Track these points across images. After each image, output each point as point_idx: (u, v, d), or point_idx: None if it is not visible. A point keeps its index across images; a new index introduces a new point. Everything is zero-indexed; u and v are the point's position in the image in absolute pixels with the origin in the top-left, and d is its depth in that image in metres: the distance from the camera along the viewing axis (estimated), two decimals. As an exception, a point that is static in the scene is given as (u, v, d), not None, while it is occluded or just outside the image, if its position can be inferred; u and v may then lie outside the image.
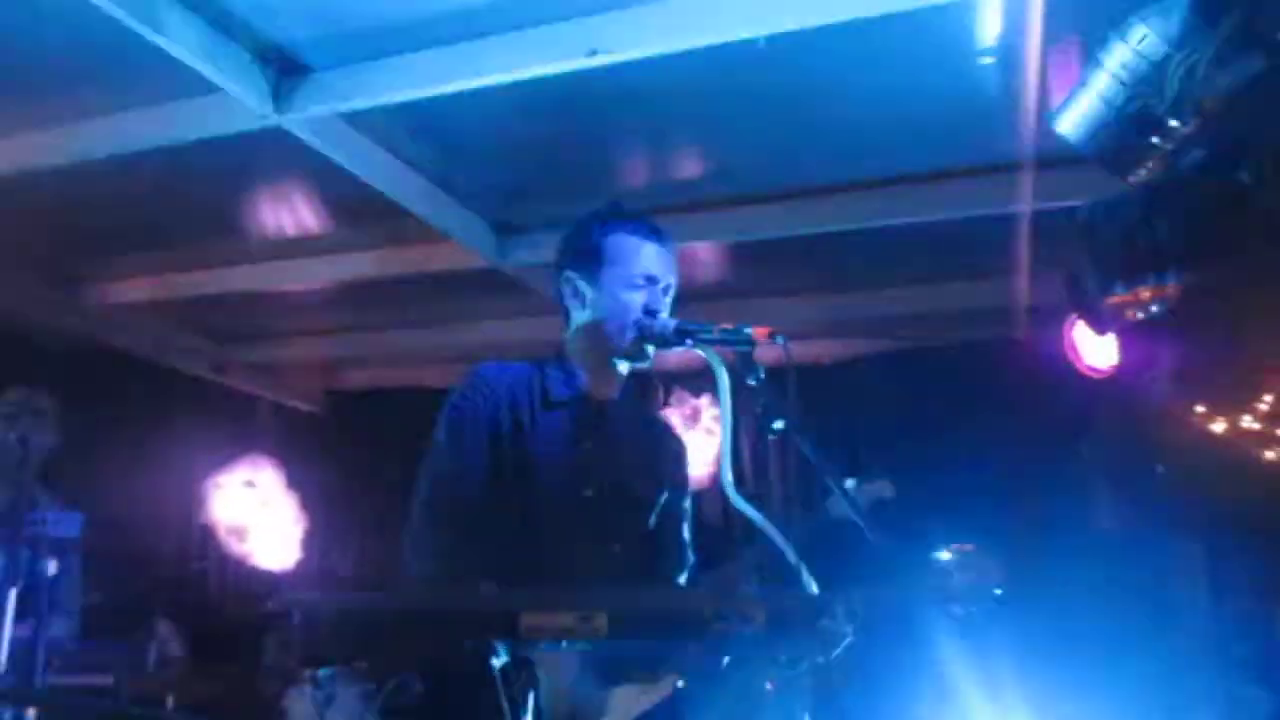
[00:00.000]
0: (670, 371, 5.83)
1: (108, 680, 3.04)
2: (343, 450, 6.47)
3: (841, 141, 3.64)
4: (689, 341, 2.03)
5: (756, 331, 1.92)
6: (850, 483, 2.96)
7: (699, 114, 3.50)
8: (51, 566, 2.61)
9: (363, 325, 5.76)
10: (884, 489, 3.18)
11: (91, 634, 3.44)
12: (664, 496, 2.26)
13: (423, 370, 6.27)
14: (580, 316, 2.25)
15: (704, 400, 5.72)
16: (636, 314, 2.14)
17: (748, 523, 1.84)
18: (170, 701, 4.25)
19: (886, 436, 4.48)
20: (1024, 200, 3.75)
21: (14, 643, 2.56)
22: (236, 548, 6.18)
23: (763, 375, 1.88)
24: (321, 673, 4.52)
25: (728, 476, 1.85)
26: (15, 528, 2.55)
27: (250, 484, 6.21)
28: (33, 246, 4.72)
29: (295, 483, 6.40)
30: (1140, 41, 2.46)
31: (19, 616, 2.56)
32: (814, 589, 1.71)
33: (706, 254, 4.70)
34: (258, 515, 6.23)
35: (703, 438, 5.64)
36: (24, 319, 5.06)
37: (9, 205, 4.13)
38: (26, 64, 3.23)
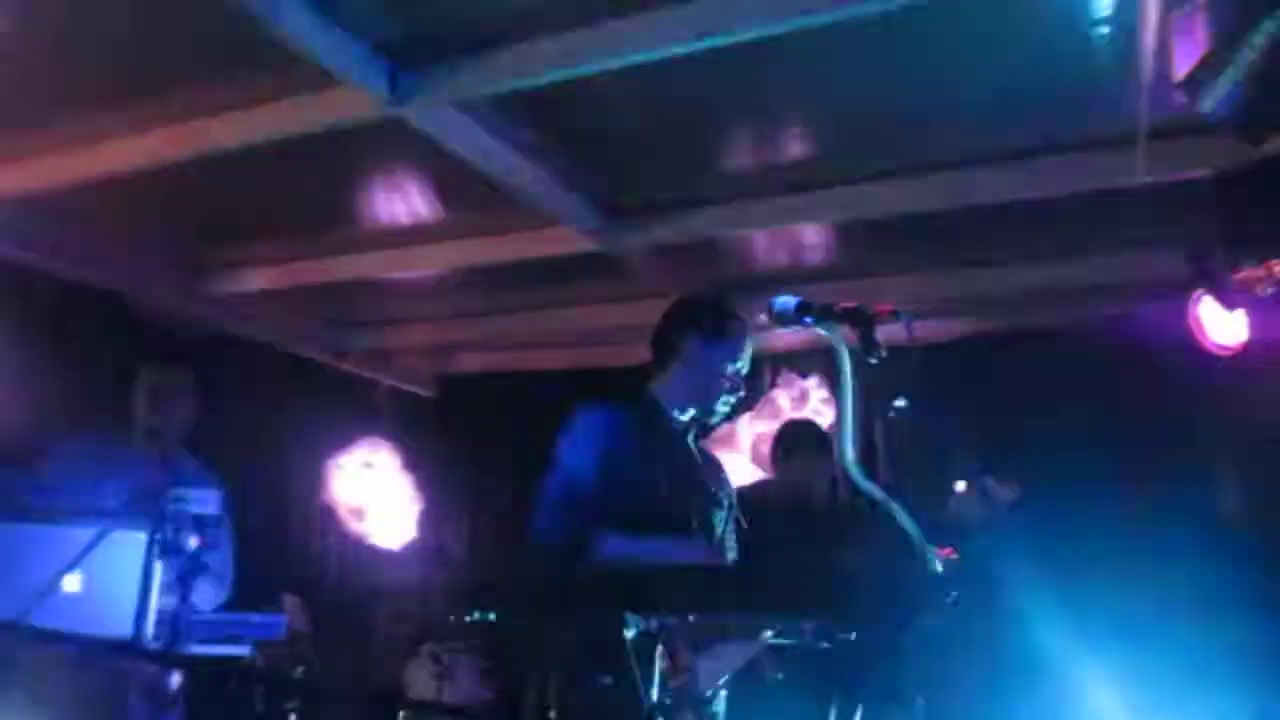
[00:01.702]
0: (777, 354, 5.81)
1: (243, 650, 3.16)
2: (455, 433, 6.61)
3: (953, 118, 3.56)
4: (809, 319, 2.02)
5: (878, 308, 1.90)
6: (961, 486, 2.92)
7: (806, 94, 3.47)
8: (193, 541, 2.72)
9: (474, 310, 5.86)
10: (1011, 490, 3.13)
11: (223, 608, 3.59)
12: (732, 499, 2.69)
13: (533, 354, 6.35)
14: (678, 375, 2.65)
15: (811, 382, 5.68)
16: (721, 397, 2.62)
17: (861, 502, 1.83)
18: (299, 672, 4.41)
19: (1000, 418, 4.39)
20: (1142, 172, 3.62)
21: (160, 613, 2.68)
22: (355, 527, 6.38)
23: (884, 353, 1.86)
24: (439, 648, 4.65)
25: (849, 454, 1.83)
26: (159, 504, 2.67)
27: (369, 465, 6.40)
28: (164, 238, 4.92)
29: (411, 464, 6.58)
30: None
31: (165, 589, 2.68)
32: (938, 567, 1.69)
33: (815, 235, 4.65)
34: (375, 495, 6.41)
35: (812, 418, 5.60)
36: (156, 308, 5.28)
37: (143, 199, 4.32)
38: (159, 63, 3.37)
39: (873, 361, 1.88)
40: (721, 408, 2.63)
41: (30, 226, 4.50)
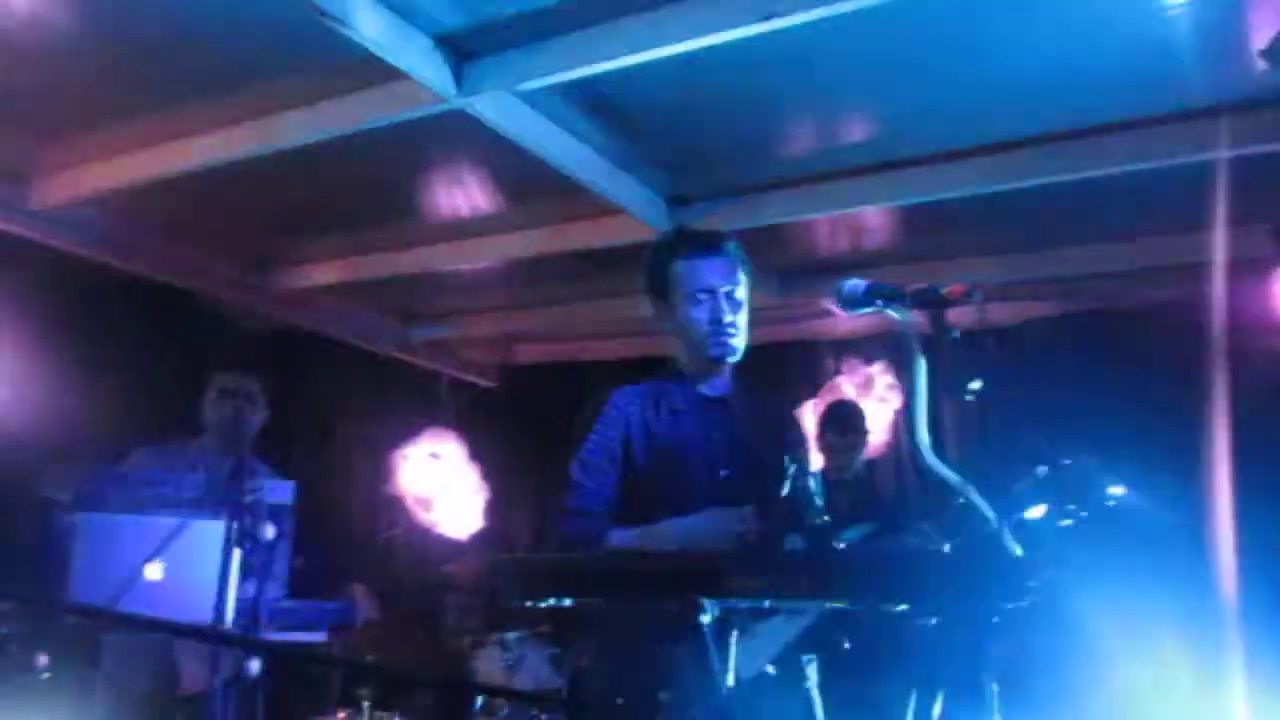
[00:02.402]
0: (840, 339, 5.77)
1: (318, 638, 3.23)
2: (518, 423, 6.66)
3: (1021, 94, 3.49)
4: (879, 302, 1.99)
5: (950, 290, 1.87)
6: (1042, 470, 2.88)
7: (869, 76, 3.43)
8: (269, 531, 2.79)
9: (537, 301, 5.90)
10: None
11: (295, 596, 3.67)
12: (793, 468, 2.38)
13: (595, 343, 6.38)
14: (670, 333, 2.53)
15: (876, 367, 5.63)
16: (704, 327, 2.43)
17: (934, 487, 1.82)
18: (369, 660, 4.48)
19: (1075, 399, 4.31)
20: (1221, 147, 3.52)
21: (238, 601, 2.75)
22: (423, 517, 6.47)
23: (957, 335, 1.84)
24: (509, 636, 4.70)
25: (923, 439, 1.81)
26: (237, 496, 2.74)
27: (434, 456, 6.48)
28: (233, 235, 5.02)
29: (476, 454, 6.65)
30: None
31: (243, 577, 2.75)
32: (1016, 550, 1.67)
33: (879, 219, 4.61)
34: (442, 486, 6.50)
35: (876, 406, 5.56)
36: (226, 304, 5.39)
37: (211, 197, 4.42)
38: (224, 63, 3.43)
39: (945, 344, 1.85)
40: (715, 349, 2.43)
41: (105, 226, 4.62)
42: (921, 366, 1.90)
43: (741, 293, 2.48)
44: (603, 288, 5.58)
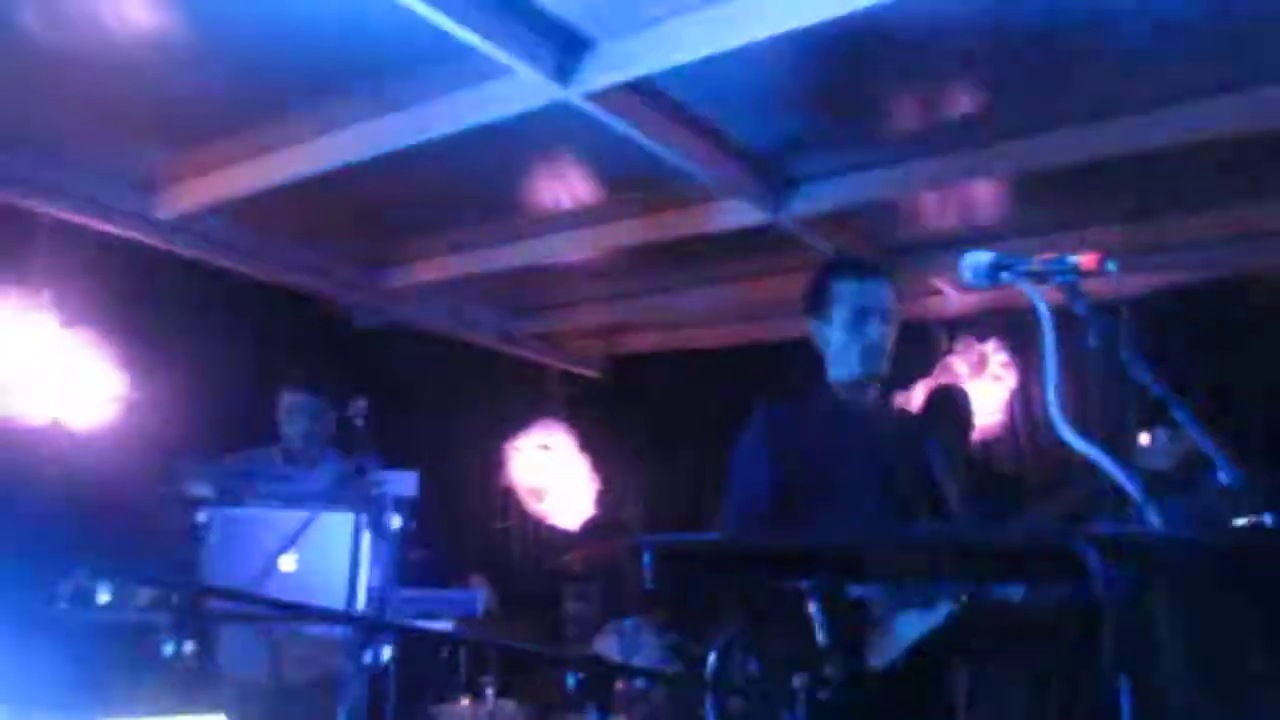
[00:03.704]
0: (951, 318, 5.65)
1: (443, 626, 3.29)
2: (627, 412, 6.70)
3: (1132, 58, 3.35)
4: (1005, 276, 1.93)
5: (1083, 260, 1.80)
6: (1161, 434, 2.78)
7: (973, 47, 3.32)
8: (396, 522, 2.85)
9: (642, 290, 5.90)
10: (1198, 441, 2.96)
11: (418, 587, 3.76)
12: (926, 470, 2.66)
13: (701, 331, 6.37)
14: (828, 351, 2.68)
15: (990, 345, 5.49)
16: (859, 346, 2.60)
17: (1059, 465, 1.76)
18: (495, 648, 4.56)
19: (1208, 369, 4.13)
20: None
21: (368, 590, 2.82)
22: (535, 508, 6.55)
23: (1090, 308, 1.77)
24: (626, 622, 4.73)
25: (1058, 415, 1.75)
26: (365, 488, 2.81)
27: (545, 447, 6.56)
28: (346, 237, 5.15)
29: (586, 445, 6.70)
30: None
31: (371, 567, 2.82)
32: (1159, 524, 1.60)
33: (989, 191, 4.49)
34: (553, 477, 6.57)
35: (989, 385, 5.43)
36: (339, 302, 5.54)
37: (322, 200, 4.53)
38: (335, 70, 3.51)
39: (1077, 317, 1.79)
40: (867, 366, 2.60)
41: (225, 232, 4.78)
42: (1052, 342, 1.84)
43: (892, 313, 2.66)
44: (708, 274, 5.56)
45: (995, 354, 5.48)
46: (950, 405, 4.32)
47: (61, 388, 4.18)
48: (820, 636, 1.44)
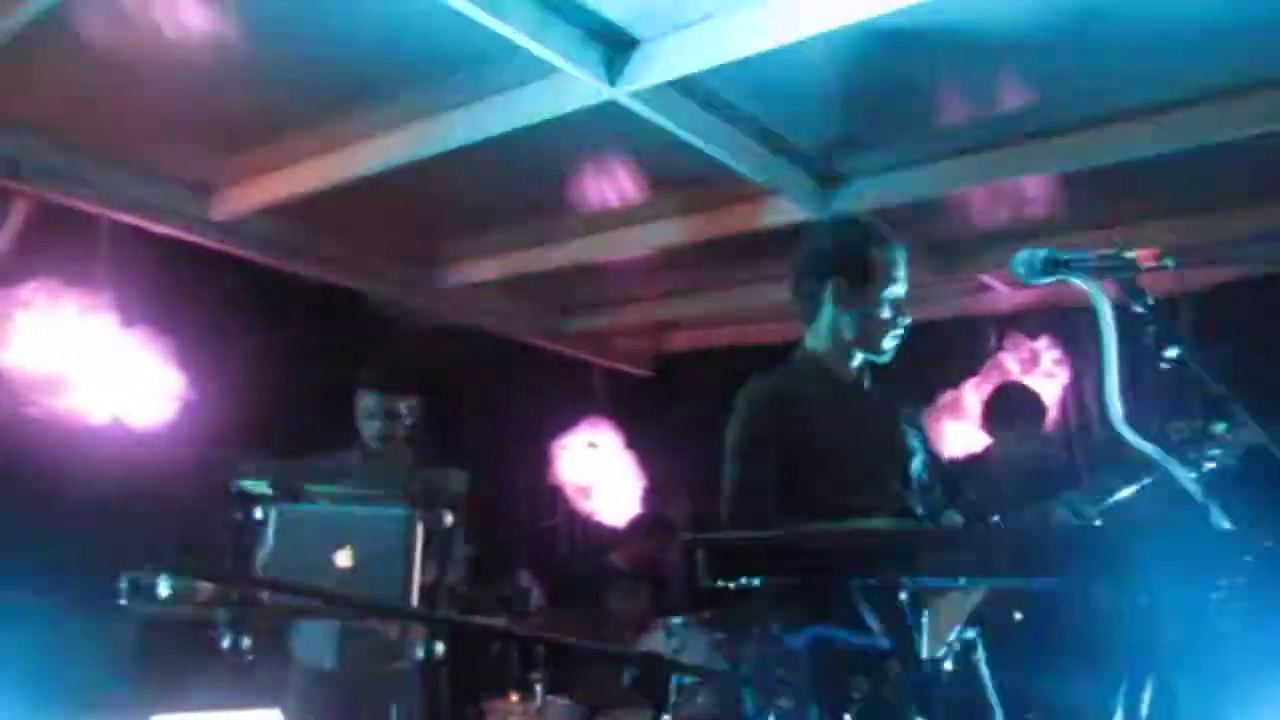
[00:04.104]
0: (1002, 315, 5.59)
1: (496, 621, 3.31)
2: (673, 410, 6.69)
3: (1186, 51, 3.29)
4: (1061, 271, 1.91)
5: (1140, 255, 1.78)
6: (1220, 427, 2.72)
7: (1022, 39, 3.28)
8: (448, 518, 2.87)
9: (689, 288, 5.91)
10: (1255, 434, 2.90)
11: (466, 583, 3.80)
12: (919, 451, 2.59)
13: (745, 328, 6.35)
14: (844, 320, 2.53)
15: (1042, 342, 5.42)
16: (888, 324, 2.50)
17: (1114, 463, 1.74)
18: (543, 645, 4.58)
19: (1258, 369, 4.05)
20: None
21: (421, 586, 2.85)
22: (583, 505, 6.57)
23: (1150, 302, 1.75)
24: (673, 621, 4.73)
25: (1117, 412, 1.73)
26: (419, 485, 2.83)
27: (592, 445, 6.58)
28: (398, 237, 5.21)
29: (632, 442, 6.71)
30: None
31: (425, 563, 2.85)
32: (1224, 524, 1.58)
33: (1039, 187, 4.43)
34: (601, 474, 6.59)
35: (1041, 382, 5.35)
36: (392, 302, 5.59)
37: (375, 200, 4.58)
38: (386, 71, 3.56)
39: (1137, 312, 1.77)
40: (889, 343, 2.52)
41: (281, 233, 4.85)
42: (1111, 337, 1.82)
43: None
44: (755, 272, 5.55)
45: (1048, 350, 5.41)
46: (1020, 403, 4.22)
47: (122, 386, 4.26)
48: (878, 632, 1.43)
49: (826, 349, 2.56)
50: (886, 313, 2.50)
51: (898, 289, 2.51)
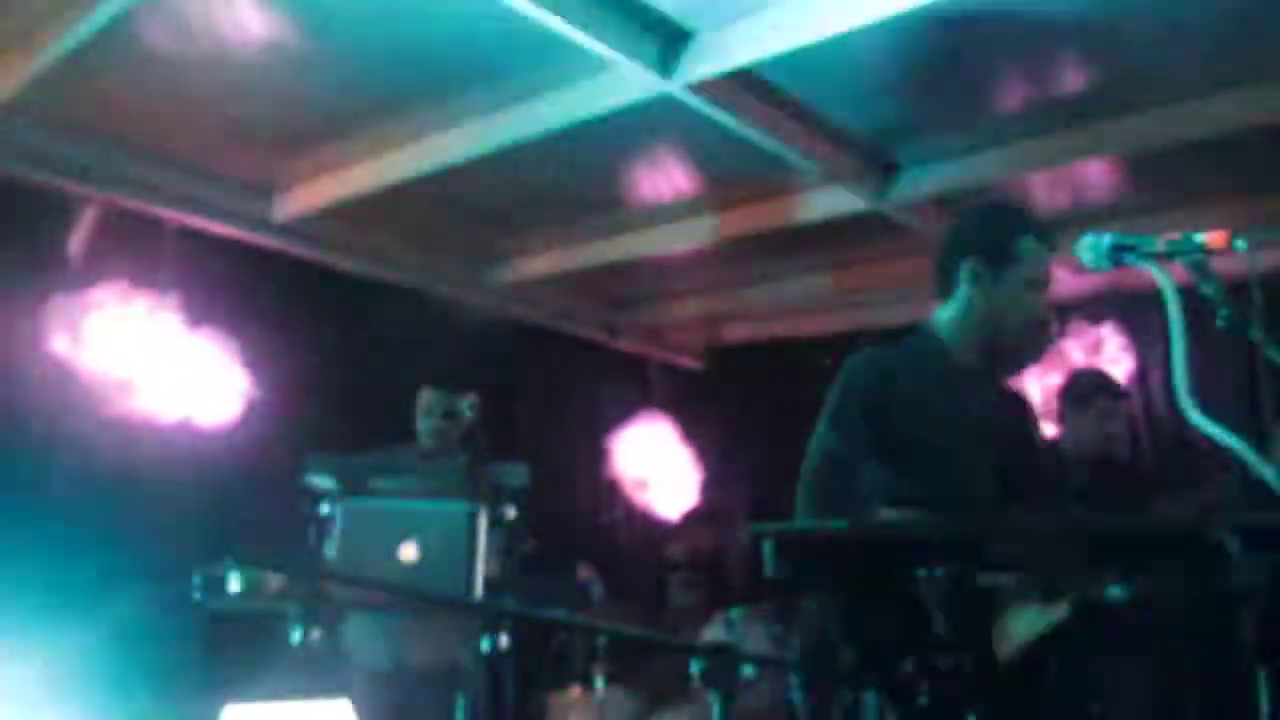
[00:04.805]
0: (1064, 301, 5.50)
1: (560, 615, 3.34)
2: (728, 403, 6.69)
3: (1254, 21, 3.20)
4: (1127, 256, 1.88)
5: (1211, 238, 1.74)
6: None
7: (1080, 19, 3.23)
8: (511, 513, 2.91)
9: (743, 280, 5.89)
10: None
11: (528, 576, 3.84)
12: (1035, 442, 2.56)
13: (802, 320, 6.32)
14: (977, 302, 2.45)
15: (1106, 329, 5.33)
16: (1036, 318, 2.44)
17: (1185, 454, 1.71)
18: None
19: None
20: None
21: (485, 580, 2.89)
22: (640, 498, 6.59)
23: (1221, 286, 1.72)
24: (733, 613, 4.74)
25: (1188, 401, 1.70)
26: (482, 479, 2.88)
27: (649, 439, 6.59)
28: (455, 234, 5.26)
29: (688, 435, 6.72)
30: None
31: (489, 557, 2.89)
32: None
33: (1101, 170, 4.36)
34: (657, 468, 6.60)
35: (1106, 370, 5.26)
36: (448, 299, 5.65)
37: (431, 199, 4.63)
38: (442, 70, 3.59)
39: (1206, 297, 1.73)
40: (1041, 346, 2.50)
41: (337, 233, 4.93)
42: (1179, 322, 1.79)
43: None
44: (809, 262, 5.52)
45: (1112, 337, 5.31)
46: (1100, 390, 4.13)
47: (189, 387, 4.36)
48: (943, 626, 1.42)
49: (951, 329, 2.50)
50: (1024, 299, 2.42)
51: (1037, 279, 2.44)
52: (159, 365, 4.28)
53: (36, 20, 3.33)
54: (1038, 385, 5.42)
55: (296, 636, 3.04)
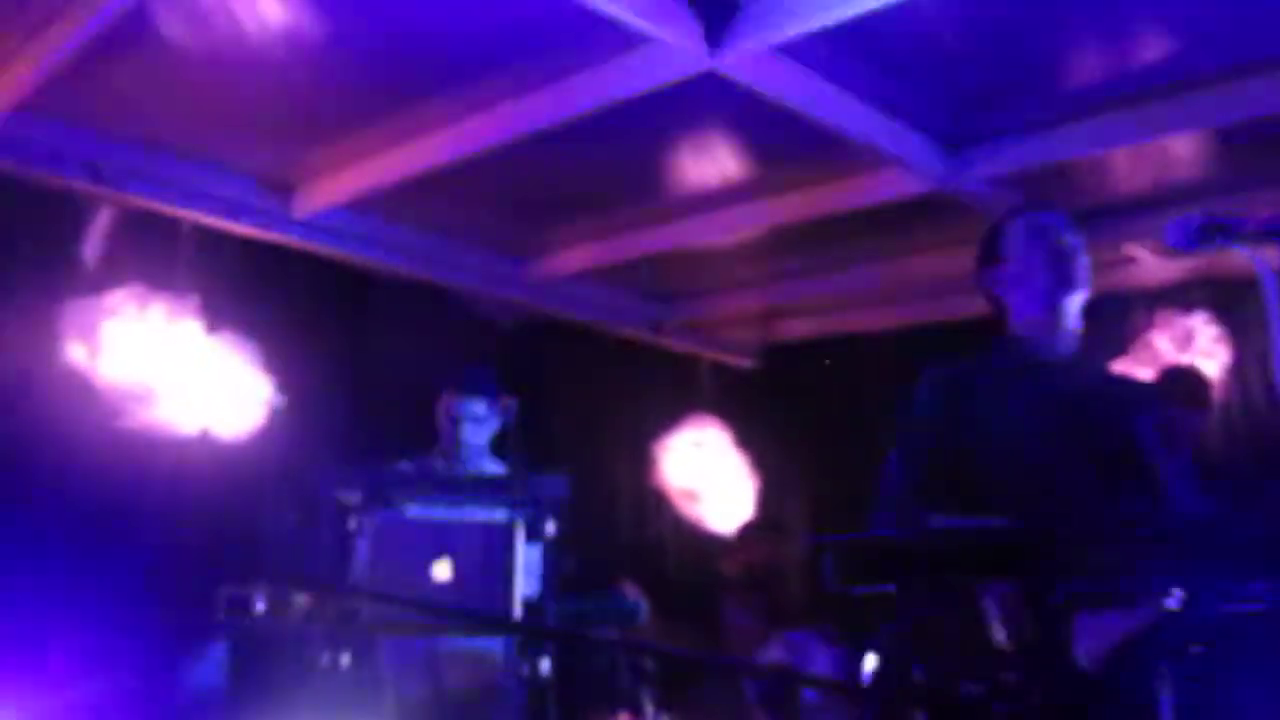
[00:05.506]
0: (1150, 290, 5.43)
1: (605, 633, 3.37)
2: (786, 404, 6.66)
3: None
4: (1218, 239, 1.86)
5: (1311, 219, 1.72)
6: None
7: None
8: (551, 527, 2.93)
9: (799, 271, 5.87)
10: None
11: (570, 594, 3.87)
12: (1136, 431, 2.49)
13: (864, 313, 6.28)
14: (1011, 298, 2.58)
15: (1198, 319, 5.25)
16: (1055, 287, 2.51)
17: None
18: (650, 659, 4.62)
19: None
20: None
21: (525, 596, 2.92)
22: (689, 510, 6.58)
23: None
24: (793, 635, 4.72)
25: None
26: (520, 492, 2.90)
27: (698, 445, 6.58)
28: (484, 226, 5.29)
29: (742, 440, 6.69)
30: None
31: (528, 572, 2.92)
32: None
33: (1187, 146, 4.29)
34: (708, 476, 6.58)
35: (1198, 363, 5.18)
36: (482, 295, 5.69)
37: (463, 189, 4.67)
38: (467, 50, 3.63)
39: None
40: (1061, 300, 2.50)
41: (360, 228, 4.98)
42: (1276, 307, 1.77)
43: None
44: (870, 251, 5.49)
45: (1204, 327, 5.23)
46: (1190, 389, 4.09)
47: (209, 394, 4.43)
48: (1019, 640, 1.42)
49: (1020, 328, 2.58)
50: (1046, 277, 2.53)
51: (1053, 253, 2.54)
52: (178, 372, 4.35)
53: (49, 13, 3.40)
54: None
55: (326, 660, 3.08)
